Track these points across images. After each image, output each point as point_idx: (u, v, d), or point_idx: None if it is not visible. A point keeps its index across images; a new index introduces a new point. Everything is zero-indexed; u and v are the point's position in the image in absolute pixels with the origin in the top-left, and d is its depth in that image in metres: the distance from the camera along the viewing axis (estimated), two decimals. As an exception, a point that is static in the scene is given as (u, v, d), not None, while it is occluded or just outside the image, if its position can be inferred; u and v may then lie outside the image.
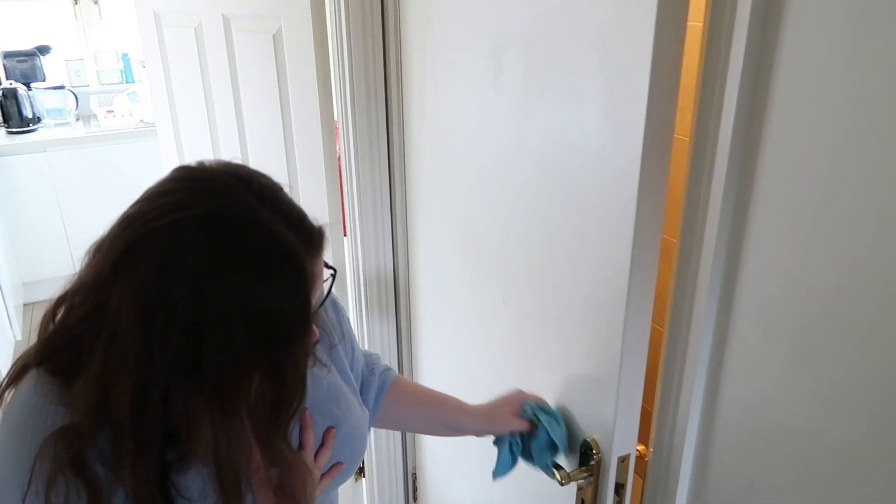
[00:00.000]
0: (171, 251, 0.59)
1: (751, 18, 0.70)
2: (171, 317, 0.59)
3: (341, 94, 1.51)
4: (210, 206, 0.62)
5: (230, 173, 0.67)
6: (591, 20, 0.86)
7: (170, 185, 0.66)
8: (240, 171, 0.68)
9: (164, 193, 0.65)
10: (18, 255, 3.47)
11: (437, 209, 1.41)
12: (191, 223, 0.60)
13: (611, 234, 0.89)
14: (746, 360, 0.80)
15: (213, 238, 0.60)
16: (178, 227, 0.60)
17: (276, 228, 0.63)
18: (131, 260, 0.60)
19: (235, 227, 0.61)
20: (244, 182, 0.66)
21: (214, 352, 0.61)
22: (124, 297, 0.60)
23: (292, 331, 0.65)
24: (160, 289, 0.59)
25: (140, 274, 0.59)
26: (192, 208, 0.61)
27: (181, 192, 0.64)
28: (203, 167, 0.68)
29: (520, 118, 1.04)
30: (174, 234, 0.60)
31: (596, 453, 0.99)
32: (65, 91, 3.66)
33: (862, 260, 0.65)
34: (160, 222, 0.61)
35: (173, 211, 0.61)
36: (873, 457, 0.68)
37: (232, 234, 0.61)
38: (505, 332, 1.23)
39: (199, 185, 0.65)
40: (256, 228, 0.62)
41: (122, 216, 0.65)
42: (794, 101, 0.69)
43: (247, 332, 0.61)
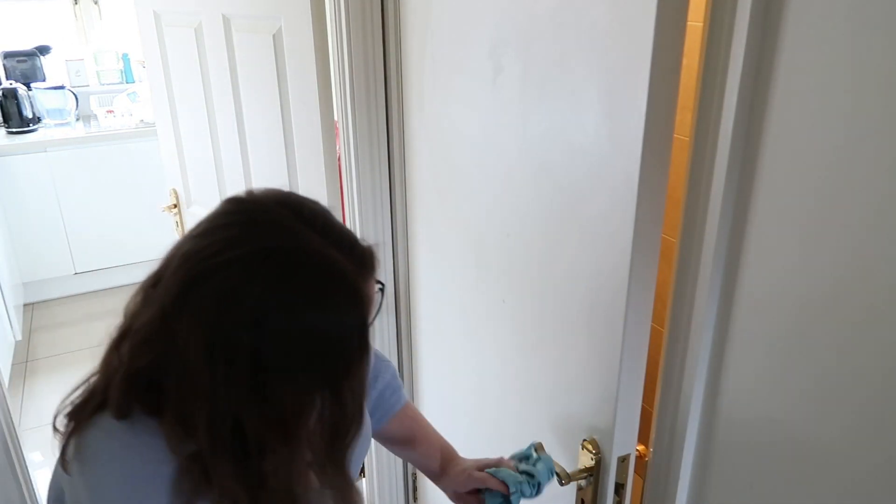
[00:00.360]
0: (231, 289, 0.61)
1: (751, 18, 0.70)
2: (235, 352, 0.61)
3: (341, 94, 1.51)
4: (265, 242, 0.63)
5: (280, 202, 0.68)
6: (590, 20, 0.86)
7: (223, 220, 0.67)
8: (290, 199, 0.69)
9: (218, 229, 0.66)
10: (18, 255, 3.47)
11: (436, 209, 1.41)
12: (248, 260, 0.62)
13: (610, 234, 0.88)
14: (746, 359, 0.80)
15: (271, 274, 0.62)
16: (236, 265, 0.62)
17: (330, 257, 0.65)
18: (193, 298, 0.62)
19: (291, 260, 0.63)
20: (295, 211, 0.67)
21: (277, 381, 0.63)
22: (190, 335, 0.62)
23: (351, 355, 0.67)
24: (223, 326, 0.61)
25: (203, 313, 0.61)
26: (248, 244, 0.63)
27: (236, 228, 0.65)
28: (253, 198, 0.69)
29: (519, 118, 1.04)
30: (233, 272, 0.62)
31: (596, 453, 0.98)
32: (65, 91, 3.66)
33: (862, 259, 0.65)
34: (218, 259, 0.62)
35: (230, 248, 0.63)
36: (874, 456, 0.68)
37: (289, 268, 0.62)
38: (505, 331, 1.23)
39: (252, 218, 0.66)
40: (311, 260, 0.64)
41: (181, 253, 0.66)
42: (793, 100, 0.69)
43: (308, 361, 0.64)
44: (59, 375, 3.06)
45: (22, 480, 1.64)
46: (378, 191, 1.57)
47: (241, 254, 0.62)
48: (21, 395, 2.94)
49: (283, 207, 0.67)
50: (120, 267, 3.75)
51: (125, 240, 3.67)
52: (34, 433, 2.72)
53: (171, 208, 2.19)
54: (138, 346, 0.65)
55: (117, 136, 3.53)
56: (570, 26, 0.89)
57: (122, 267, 3.76)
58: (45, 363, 3.16)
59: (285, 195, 0.70)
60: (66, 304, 3.66)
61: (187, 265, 0.64)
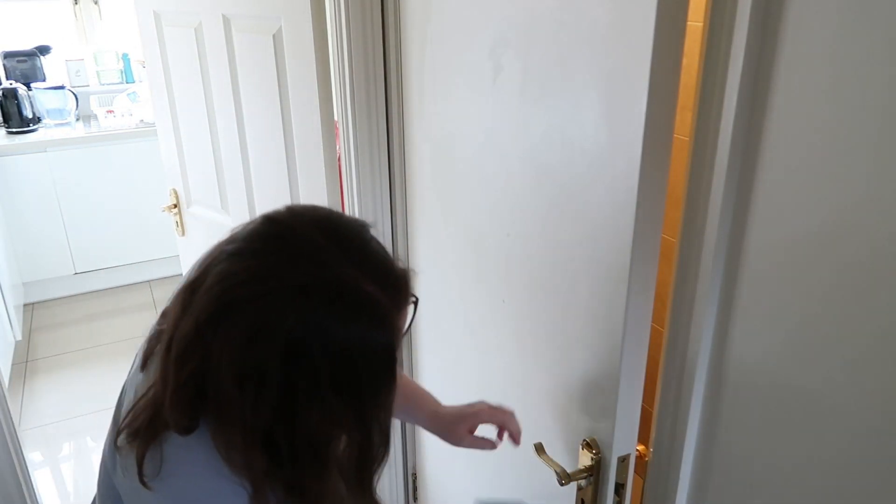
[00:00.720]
0: (264, 321, 0.62)
1: (751, 18, 0.70)
2: (264, 380, 0.62)
3: (341, 94, 1.51)
4: (301, 275, 0.63)
5: (318, 225, 0.67)
6: (590, 20, 0.86)
7: (260, 243, 0.66)
8: (328, 221, 0.68)
9: (255, 253, 0.65)
10: (18, 255, 3.47)
11: (436, 209, 1.41)
12: (283, 295, 0.62)
13: (611, 233, 0.88)
14: (747, 359, 0.80)
15: (305, 310, 0.62)
16: (270, 299, 0.62)
17: (363, 293, 0.64)
18: (227, 322, 0.63)
19: (325, 297, 0.63)
20: (332, 236, 0.66)
21: (305, 410, 0.64)
22: (222, 359, 0.63)
23: (379, 385, 0.68)
24: (254, 356, 0.62)
25: (235, 340, 0.62)
26: (283, 278, 0.63)
27: (272, 256, 0.64)
28: (292, 220, 0.68)
29: (519, 117, 1.04)
30: (267, 304, 0.62)
31: (596, 453, 0.98)
32: (65, 91, 3.66)
33: (862, 257, 0.65)
34: (252, 290, 0.63)
35: (265, 278, 0.63)
36: (875, 454, 0.68)
37: (322, 304, 0.63)
38: (505, 331, 1.23)
39: (289, 247, 0.65)
40: (346, 296, 0.64)
41: (216, 270, 0.65)
42: (794, 100, 0.69)
43: (336, 391, 0.64)
44: (59, 375, 3.07)
45: (22, 480, 1.64)
46: (378, 191, 1.57)
47: (275, 287, 0.63)
48: (21, 395, 2.94)
49: (320, 232, 0.66)
50: (120, 267, 3.75)
51: (125, 240, 3.67)
52: (34, 433, 2.72)
53: (171, 208, 2.19)
54: (179, 357, 0.66)
55: (117, 136, 3.53)
56: (571, 26, 0.89)
57: (122, 267, 3.76)
58: (45, 363, 3.16)
59: (324, 216, 0.69)
60: (66, 304, 3.66)
61: (221, 287, 0.64)
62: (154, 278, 3.88)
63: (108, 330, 3.42)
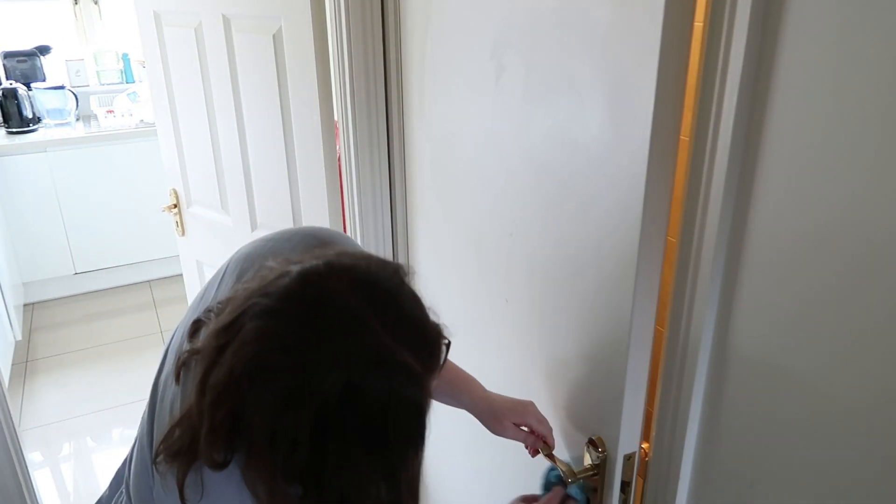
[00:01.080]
0: (298, 389, 0.63)
1: (751, 18, 0.70)
2: (297, 442, 0.63)
3: (341, 94, 1.51)
4: (336, 349, 0.63)
5: (354, 287, 0.66)
6: (595, 19, 0.86)
7: (296, 310, 0.65)
8: (365, 282, 0.68)
9: (291, 320, 0.65)
10: (18, 255, 3.47)
11: (437, 209, 1.41)
12: (318, 366, 0.63)
13: (616, 233, 0.89)
14: (747, 358, 0.80)
15: (340, 380, 0.63)
16: (306, 369, 0.63)
17: (398, 362, 0.65)
18: (261, 383, 0.63)
19: (361, 368, 0.63)
20: (367, 300, 0.66)
21: (335, 469, 0.65)
22: (255, 416, 0.64)
23: (410, 446, 0.68)
24: (287, 420, 0.63)
25: (268, 402, 0.63)
26: (319, 350, 0.63)
27: (309, 328, 0.64)
28: (327, 284, 0.66)
29: (521, 117, 1.04)
30: (302, 374, 0.63)
31: (601, 452, 0.99)
32: (65, 91, 3.66)
33: (862, 257, 0.65)
34: (289, 359, 0.63)
35: (302, 350, 0.63)
36: (876, 453, 0.68)
37: (357, 374, 0.63)
38: (508, 330, 1.23)
39: (325, 318, 0.64)
40: (380, 366, 0.64)
41: (253, 328, 0.65)
42: (794, 100, 0.69)
43: (367, 452, 0.65)
44: (59, 375, 3.07)
45: (22, 480, 1.64)
46: (378, 191, 1.57)
47: (311, 360, 0.63)
48: (21, 395, 2.94)
49: (355, 296, 0.66)
50: (120, 267, 3.75)
51: (125, 240, 3.67)
52: (34, 433, 2.72)
53: (171, 208, 2.19)
54: (213, 403, 0.66)
55: (117, 136, 3.53)
56: (574, 26, 0.89)
57: (122, 267, 3.76)
58: (45, 363, 3.16)
59: (361, 276, 0.68)
60: (66, 304, 3.66)
61: (256, 348, 0.64)
62: (154, 278, 3.89)
63: (108, 330, 3.42)
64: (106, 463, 2.58)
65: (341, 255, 0.71)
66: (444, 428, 1.62)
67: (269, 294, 0.66)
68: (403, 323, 0.67)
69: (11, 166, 3.34)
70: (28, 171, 3.37)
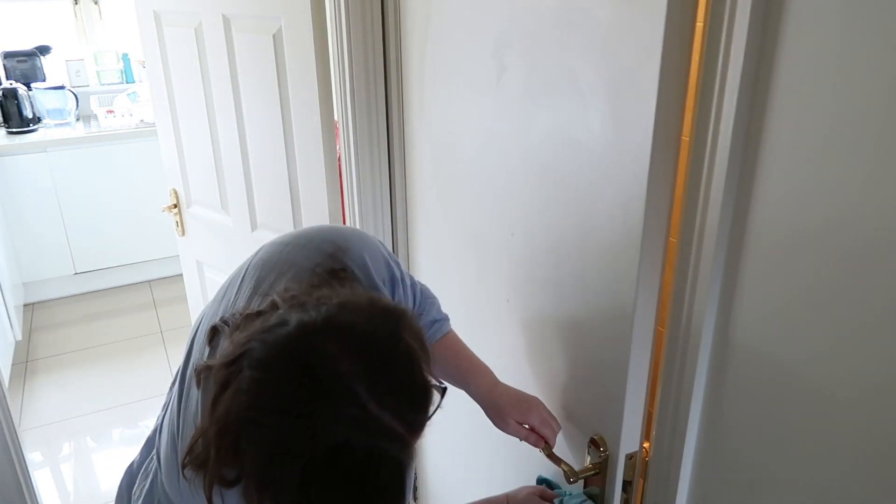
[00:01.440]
0: (284, 449, 0.65)
1: (751, 18, 0.70)
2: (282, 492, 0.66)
3: (341, 94, 1.51)
4: (323, 415, 0.65)
5: (349, 350, 0.67)
6: (597, 19, 0.86)
7: (288, 372, 0.67)
8: (360, 341, 0.69)
9: (282, 382, 0.66)
10: (18, 255, 3.47)
11: (437, 209, 1.41)
12: (304, 432, 0.65)
13: (618, 232, 0.89)
14: (747, 358, 0.80)
15: (324, 444, 0.65)
16: (292, 431, 0.65)
17: (384, 427, 0.66)
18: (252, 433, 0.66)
19: (345, 437, 0.65)
20: (360, 364, 0.67)
21: None
22: (247, 460, 0.67)
23: (390, 500, 0.69)
24: (272, 473, 0.66)
25: (258, 453, 0.66)
26: (305, 416, 0.65)
27: (299, 392, 0.66)
28: (321, 347, 0.68)
29: (523, 117, 1.04)
30: (288, 435, 0.65)
31: (603, 451, 0.99)
32: (65, 91, 3.66)
33: (863, 257, 0.65)
34: (277, 419, 0.65)
35: (290, 413, 0.65)
36: (877, 452, 0.68)
37: (341, 444, 0.65)
38: (509, 330, 1.23)
39: (316, 383, 0.66)
40: (366, 431, 0.66)
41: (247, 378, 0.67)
42: (794, 100, 0.69)
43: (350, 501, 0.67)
44: (59, 375, 3.07)
45: (22, 480, 1.64)
46: (378, 191, 1.57)
47: (298, 425, 0.65)
48: (21, 395, 2.94)
49: (349, 359, 0.67)
50: (120, 267, 3.75)
51: (125, 240, 3.67)
52: (34, 433, 2.72)
53: (171, 208, 2.19)
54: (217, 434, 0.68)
55: (117, 136, 3.53)
56: (576, 25, 0.89)
57: (122, 267, 3.76)
58: (45, 363, 3.16)
59: (358, 338, 0.69)
60: (66, 304, 3.66)
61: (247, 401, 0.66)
62: (154, 278, 3.89)
63: (108, 330, 3.42)
64: (106, 463, 2.58)
65: (344, 306, 0.71)
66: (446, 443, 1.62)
67: (266, 343, 0.68)
68: (391, 389, 0.68)
69: (11, 166, 3.34)
70: (28, 171, 3.37)
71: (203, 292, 2.27)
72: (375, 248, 0.96)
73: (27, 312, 3.56)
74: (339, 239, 0.92)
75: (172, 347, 3.24)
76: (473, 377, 1.10)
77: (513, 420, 1.05)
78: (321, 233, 0.94)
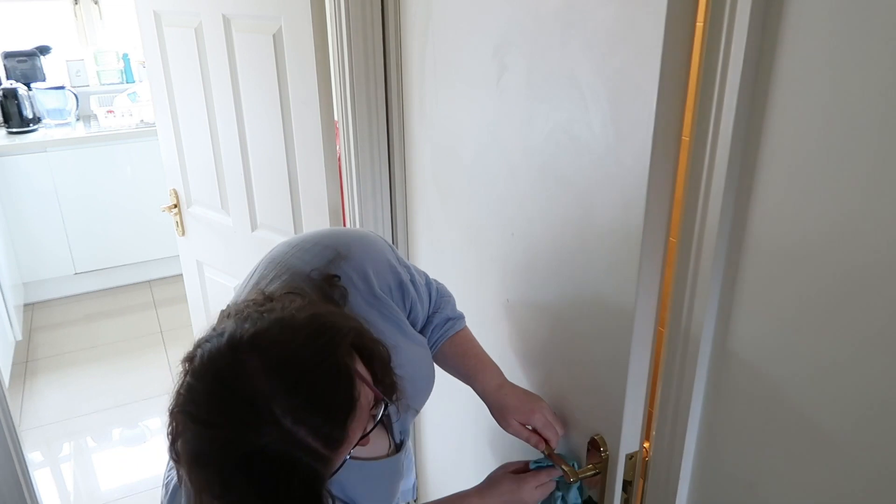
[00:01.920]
0: (204, 454, 0.70)
1: (751, 18, 0.70)
2: (207, 491, 0.71)
3: (341, 94, 1.51)
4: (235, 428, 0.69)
5: (269, 367, 0.71)
6: (598, 20, 0.86)
7: (211, 382, 0.71)
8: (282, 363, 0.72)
9: (205, 390, 0.71)
10: (18, 255, 3.47)
11: (437, 209, 1.42)
12: (218, 440, 0.70)
13: (618, 234, 0.89)
14: (746, 359, 0.80)
15: (236, 456, 0.69)
16: (210, 439, 0.70)
17: (296, 442, 0.70)
18: (182, 433, 0.71)
19: (256, 447, 0.69)
20: (279, 381, 0.70)
21: None
22: (180, 456, 0.72)
23: None
24: (197, 473, 0.71)
25: (185, 453, 0.71)
26: (220, 426, 0.70)
27: (216, 405, 0.71)
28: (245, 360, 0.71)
29: (523, 118, 1.04)
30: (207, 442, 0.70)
31: (603, 451, 0.99)
32: (65, 91, 3.66)
33: (863, 256, 0.65)
34: (198, 428, 0.70)
35: (207, 422, 0.70)
36: (876, 453, 0.68)
37: (252, 454, 0.69)
38: (509, 330, 1.23)
39: (233, 398, 0.70)
40: (274, 448, 0.69)
41: (186, 380, 0.72)
42: (793, 100, 0.69)
43: None
44: (59, 375, 3.07)
45: (22, 480, 1.64)
46: (378, 191, 1.57)
47: (214, 434, 0.70)
48: (21, 395, 2.94)
49: (268, 376, 0.70)
50: (120, 267, 3.76)
51: (125, 240, 3.67)
52: (34, 433, 2.72)
53: (171, 208, 2.19)
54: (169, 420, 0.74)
55: (117, 136, 3.53)
56: (577, 25, 0.89)
57: (122, 267, 3.76)
58: (45, 363, 3.17)
59: (281, 356, 0.72)
60: (66, 304, 3.66)
61: (180, 404, 0.71)
62: (154, 278, 3.89)
63: (108, 330, 3.42)
64: (106, 463, 2.58)
65: (279, 322, 0.75)
66: (446, 443, 1.62)
67: (203, 351, 0.73)
68: (308, 405, 0.71)
69: (11, 166, 3.34)
70: (28, 171, 3.37)
71: (203, 292, 2.27)
72: (381, 256, 0.98)
73: (27, 312, 3.56)
74: (341, 247, 0.95)
75: (172, 347, 3.24)
76: (481, 376, 1.11)
77: (514, 421, 1.06)
78: (326, 238, 0.97)
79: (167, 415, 0.74)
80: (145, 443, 2.69)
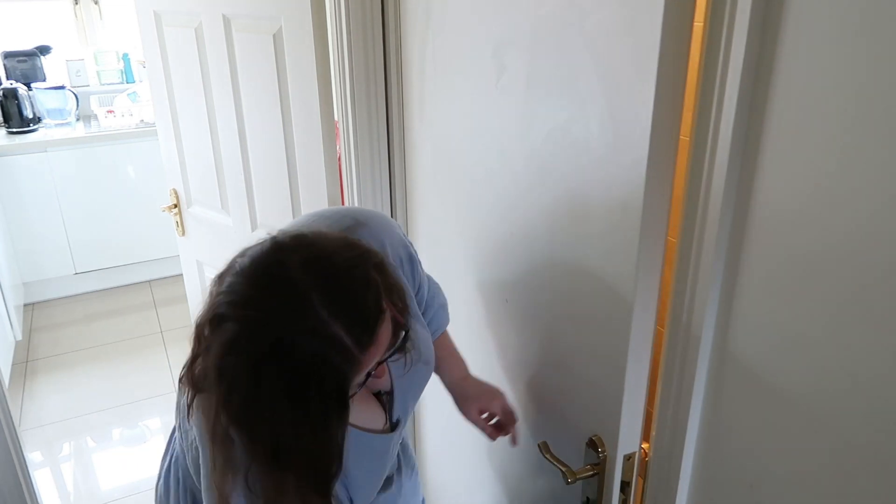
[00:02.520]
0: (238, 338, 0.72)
1: (751, 18, 0.70)
2: (234, 384, 0.72)
3: (341, 94, 1.51)
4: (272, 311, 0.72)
5: (309, 261, 0.74)
6: (596, 20, 0.86)
7: (254, 273, 0.75)
8: (320, 258, 0.75)
9: (247, 280, 0.74)
10: (18, 255, 3.47)
11: (437, 209, 1.42)
12: (255, 323, 0.72)
13: (616, 234, 0.89)
14: (747, 359, 0.80)
15: (270, 340, 0.71)
16: (247, 322, 0.72)
17: (329, 334, 0.71)
18: (216, 326, 0.73)
19: (292, 334, 0.71)
20: (317, 275, 0.73)
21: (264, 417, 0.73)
22: (209, 357, 0.73)
23: (331, 415, 0.74)
24: (228, 363, 0.72)
25: (217, 344, 0.72)
26: (259, 309, 0.72)
27: (256, 290, 0.73)
28: (287, 255, 0.75)
29: (523, 118, 1.04)
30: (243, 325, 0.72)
31: (601, 452, 0.99)
32: (65, 91, 3.66)
33: (863, 256, 0.65)
34: (236, 311, 0.72)
35: (246, 305, 0.73)
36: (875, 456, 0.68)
37: (288, 340, 0.71)
38: (509, 330, 1.23)
39: (273, 284, 0.73)
40: (309, 335, 0.71)
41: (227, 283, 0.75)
42: (794, 100, 0.69)
43: (292, 410, 0.72)
44: (59, 375, 3.07)
45: (22, 480, 1.64)
46: (378, 191, 1.57)
47: (251, 316, 0.72)
48: (21, 395, 2.94)
49: (307, 269, 0.73)
50: (120, 267, 3.75)
51: (125, 240, 3.67)
52: (34, 433, 2.72)
53: (171, 208, 2.19)
54: (195, 337, 0.76)
55: (117, 136, 3.53)
56: (575, 26, 0.89)
57: (122, 267, 3.76)
58: (45, 363, 3.17)
59: (318, 252, 0.76)
60: (66, 304, 3.66)
61: (221, 299, 0.74)
62: (154, 278, 3.89)
63: (108, 330, 3.42)
64: (106, 463, 2.58)
65: (318, 234, 0.80)
66: (446, 442, 1.62)
67: (245, 255, 0.77)
68: (343, 301, 0.74)
69: (11, 166, 3.34)
70: (28, 171, 3.37)
71: (203, 292, 2.27)
72: (395, 231, 1.04)
73: (27, 312, 3.56)
74: (360, 216, 1.00)
75: (172, 347, 3.24)
76: (450, 367, 1.21)
77: (475, 408, 1.16)
78: (346, 209, 1.03)
79: (191, 334, 0.76)
80: (145, 443, 2.69)
